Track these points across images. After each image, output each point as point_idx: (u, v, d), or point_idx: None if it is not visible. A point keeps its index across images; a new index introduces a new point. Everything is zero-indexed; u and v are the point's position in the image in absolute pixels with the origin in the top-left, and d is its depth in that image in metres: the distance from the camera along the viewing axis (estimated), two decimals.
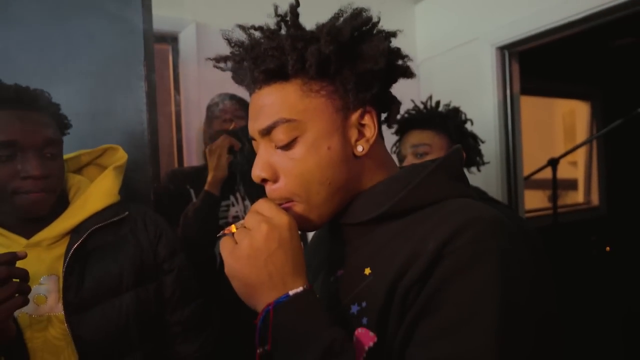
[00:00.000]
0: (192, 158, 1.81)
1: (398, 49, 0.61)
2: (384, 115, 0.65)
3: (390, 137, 0.66)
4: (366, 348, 0.50)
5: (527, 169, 2.13)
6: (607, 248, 3.08)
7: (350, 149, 0.58)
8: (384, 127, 0.66)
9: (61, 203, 0.88)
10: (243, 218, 0.62)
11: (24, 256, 0.69)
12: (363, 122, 0.59)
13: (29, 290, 0.69)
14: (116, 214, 0.90)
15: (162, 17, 1.56)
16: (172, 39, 1.78)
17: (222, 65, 0.61)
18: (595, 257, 3.04)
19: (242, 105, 1.47)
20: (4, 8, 1.12)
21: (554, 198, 2.11)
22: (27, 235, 0.82)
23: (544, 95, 3.19)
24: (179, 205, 1.33)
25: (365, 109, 0.59)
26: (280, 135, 0.56)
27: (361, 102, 0.58)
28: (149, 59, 1.11)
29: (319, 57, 0.54)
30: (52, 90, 1.10)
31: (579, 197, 3.43)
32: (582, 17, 1.62)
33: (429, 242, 0.50)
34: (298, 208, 0.58)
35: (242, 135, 1.34)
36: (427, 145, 1.28)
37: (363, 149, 0.59)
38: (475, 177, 1.34)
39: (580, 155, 3.37)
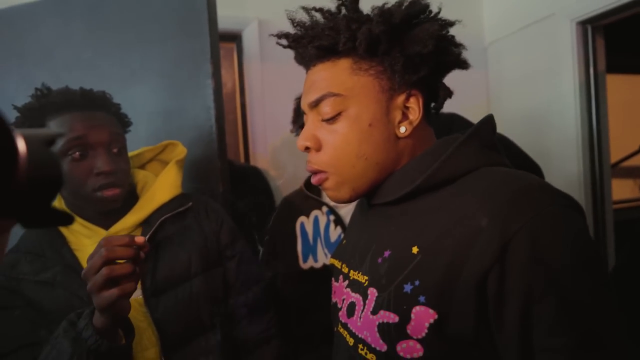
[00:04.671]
0: (257, 151, 1.86)
1: (452, 36, 0.61)
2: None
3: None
4: (427, 325, 0.51)
5: (614, 156, 1.94)
6: None
7: (393, 129, 0.60)
8: None
9: (131, 197, 0.95)
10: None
11: (142, 243, 0.69)
12: (408, 104, 0.61)
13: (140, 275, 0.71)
14: (181, 204, 0.96)
15: (226, 16, 1.62)
16: (236, 37, 1.84)
17: (283, 42, 0.65)
18: None
19: None
20: (89, 21, 1.22)
21: None
22: (105, 227, 0.89)
23: (634, 73, 2.86)
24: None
25: (410, 92, 0.60)
26: (327, 108, 0.60)
27: (407, 84, 0.59)
28: (215, 57, 1.15)
29: (369, 36, 0.57)
30: (130, 92, 1.19)
31: None
32: None
33: (480, 219, 0.50)
34: (332, 180, 0.62)
35: None
36: None
37: (405, 131, 0.60)
38: (554, 167, 1.23)
39: None
